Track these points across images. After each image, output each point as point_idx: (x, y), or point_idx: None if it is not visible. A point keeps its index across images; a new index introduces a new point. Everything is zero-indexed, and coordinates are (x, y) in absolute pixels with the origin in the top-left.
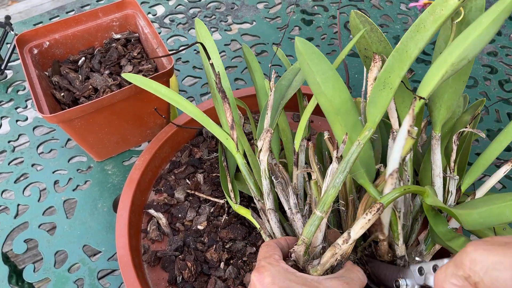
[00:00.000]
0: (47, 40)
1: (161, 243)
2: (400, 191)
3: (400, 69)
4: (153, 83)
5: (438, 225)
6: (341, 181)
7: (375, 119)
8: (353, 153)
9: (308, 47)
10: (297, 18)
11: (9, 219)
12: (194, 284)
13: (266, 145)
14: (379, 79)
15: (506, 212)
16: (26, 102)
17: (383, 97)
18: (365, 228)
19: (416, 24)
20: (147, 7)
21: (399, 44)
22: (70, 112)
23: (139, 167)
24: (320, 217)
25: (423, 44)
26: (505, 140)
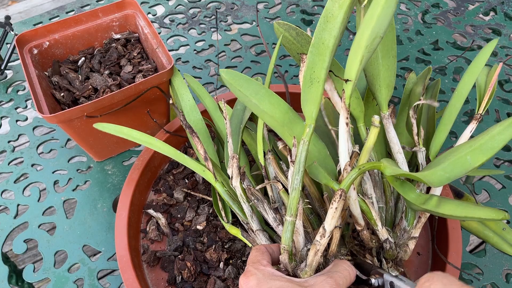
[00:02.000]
0: (47, 40)
1: (161, 243)
2: (356, 171)
3: (322, 61)
4: (125, 129)
5: (407, 193)
6: (299, 182)
7: (312, 114)
8: (302, 151)
9: (234, 75)
10: (297, 18)
11: (9, 219)
12: (194, 284)
13: (235, 171)
14: (304, 77)
15: (468, 160)
16: (26, 102)
17: (313, 91)
18: (335, 217)
19: (324, 15)
20: (147, 7)
21: (313, 38)
22: (70, 112)
23: (138, 167)
24: (292, 221)
25: (337, 31)
26: (458, 102)
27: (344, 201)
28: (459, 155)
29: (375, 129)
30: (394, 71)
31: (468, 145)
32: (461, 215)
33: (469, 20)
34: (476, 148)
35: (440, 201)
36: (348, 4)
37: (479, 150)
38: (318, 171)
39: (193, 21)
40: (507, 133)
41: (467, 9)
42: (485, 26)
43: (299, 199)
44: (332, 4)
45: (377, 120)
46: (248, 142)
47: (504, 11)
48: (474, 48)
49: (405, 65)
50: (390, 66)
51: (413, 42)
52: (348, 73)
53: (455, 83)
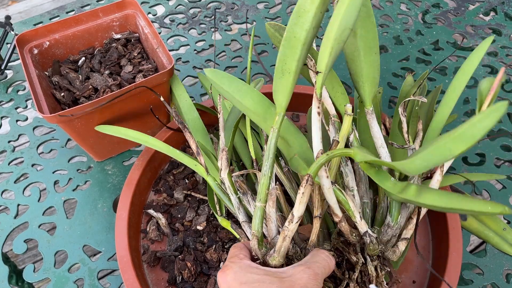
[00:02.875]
0: (47, 40)
1: (161, 243)
2: (324, 157)
3: (294, 53)
4: (122, 129)
5: (383, 181)
6: (268, 169)
7: (282, 104)
8: (271, 139)
9: (217, 73)
10: None
11: (9, 219)
12: (194, 284)
13: (224, 163)
14: (276, 69)
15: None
16: (26, 102)
17: (284, 82)
18: (303, 202)
19: (296, 10)
20: (147, 7)
21: (286, 32)
22: (70, 112)
23: (138, 167)
24: (260, 207)
25: (309, 25)
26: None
27: (311, 186)
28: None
29: (348, 117)
30: (378, 67)
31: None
32: (445, 206)
33: (470, 20)
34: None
35: (421, 190)
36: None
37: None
38: (298, 163)
39: (193, 21)
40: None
41: (468, 9)
42: (486, 26)
43: (268, 185)
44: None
45: (349, 108)
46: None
47: (505, 11)
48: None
49: (406, 65)
50: (373, 63)
51: (413, 42)
52: (319, 65)
53: None
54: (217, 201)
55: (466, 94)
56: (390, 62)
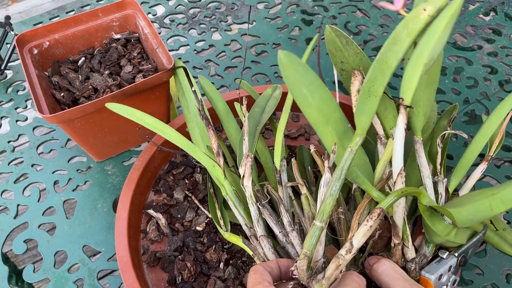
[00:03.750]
0: (47, 40)
1: (161, 244)
2: (398, 194)
3: (382, 78)
4: (138, 113)
5: (435, 223)
6: (337, 189)
7: (364, 125)
8: (346, 159)
9: (293, 59)
10: (297, 18)
11: (9, 219)
12: (194, 284)
13: (248, 170)
14: (363, 88)
15: (490, 206)
16: (26, 102)
17: (369, 104)
18: (367, 235)
19: (392, 37)
20: (147, 7)
21: (379, 55)
22: (70, 112)
23: (138, 167)
24: (320, 227)
25: (401, 55)
26: (482, 138)
27: (380, 221)
28: (480, 201)
29: (391, 141)
30: (432, 102)
31: (491, 192)
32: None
33: (470, 20)
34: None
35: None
36: (417, 33)
37: (500, 200)
38: (357, 175)
39: (193, 21)
40: None
41: (468, 9)
42: (486, 26)
43: (332, 207)
44: (402, 29)
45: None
46: (259, 148)
47: (505, 11)
48: (475, 48)
49: None
50: (430, 97)
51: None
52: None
53: (455, 83)
54: (221, 215)
55: (466, 94)
56: None
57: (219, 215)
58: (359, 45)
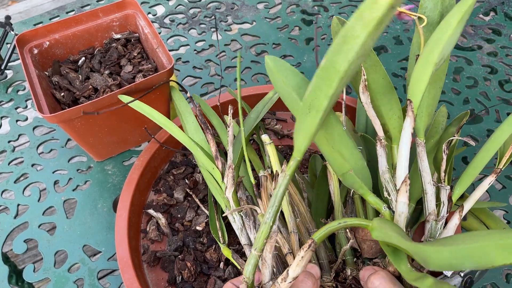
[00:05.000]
0: (47, 40)
1: (161, 243)
2: (334, 225)
3: (328, 87)
4: (146, 107)
5: (399, 263)
6: (271, 216)
7: (301, 147)
8: (280, 185)
9: (280, 63)
10: (297, 18)
11: (9, 219)
12: (194, 284)
13: (230, 181)
14: (303, 102)
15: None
16: (26, 102)
17: (309, 121)
18: (300, 266)
19: (343, 35)
20: (147, 7)
21: (324, 60)
22: (70, 112)
23: (138, 167)
24: (255, 255)
25: (354, 54)
26: (492, 148)
27: (313, 252)
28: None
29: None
30: (437, 101)
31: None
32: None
33: (469, 20)
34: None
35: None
36: (375, 23)
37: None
38: (354, 180)
39: (193, 21)
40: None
41: None
42: (485, 26)
43: (268, 234)
44: (355, 22)
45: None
46: (252, 158)
47: (504, 11)
48: (474, 48)
49: (405, 65)
50: (435, 97)
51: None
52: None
53: (455, 83)
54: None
55: (465, 94)
56: (390, 62)
57: (218, 225)
58: None
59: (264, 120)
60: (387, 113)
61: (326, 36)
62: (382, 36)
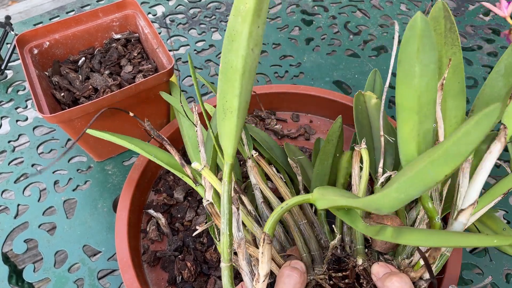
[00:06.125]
0: (47, 40)
1: (161, 243)
2: (278, 211)
3: (232, 87)
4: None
5: (355, 222)
6: (226, 226)
7: (228, 151)
8: (224, 192)
9: (427, 29)
10: (297, 18)
11: (9, 219)
12: (194, 284)
13: (207, 184)
14: (218, 108)
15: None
16: (26, 102)
17: (228, 124)
18: (265, 262)
19: (227, 35)
20: (147, 7)
21: (221, 63)
22: (70, 112)
23: (138, 167)
24: (226, 267)
25: (245, 50)
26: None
27: (270, 245)
28: (417, 168)
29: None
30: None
31: (428, 154)
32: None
33: (469, 20)
34: (438, 157)
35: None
36: (252, 14)
37: (443, 159)
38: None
39: (193, 21)
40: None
41: (467, 10)
42: (485, 26)
43: (229, 244)
44: (234, 19)
45: None
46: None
47: None
48: (474, 48)
49: None
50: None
51: None
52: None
53: None
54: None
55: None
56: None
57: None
58: (358, 45)
59: (264, 120)
60: (450, 119)
61: (326, 36)
62: (382, 36)
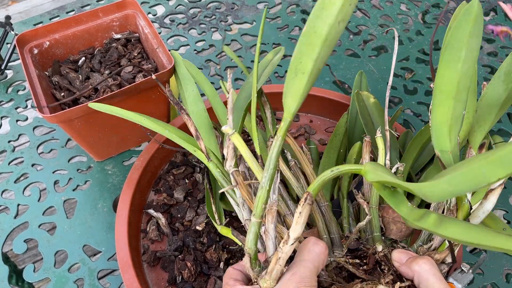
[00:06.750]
0: (47, 40)
1: (161, 243)
2: (327, 174)
3: (311, 51)
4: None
5: (399, 205)
6: (267, 180)
7: (291, 108)
8: (274, 147)
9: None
10: (297, 18)
11: (9, 219)
12: (194, 284)
13: (231, 152)
14: (290, 68)
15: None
16: (26, 102)
17: (297, 83)
18: (300, 223)
19: (320, 2)
20: (147, 7)
21: (305, 27)
22: (70, 112)
23: (138, 167)
24: (256, 222)
25: (333, 19)
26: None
27: (310, 206)
28: (471, 166)
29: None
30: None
31: (484, 156)
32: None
33: None
34: (494, 160)
35: (442, 219)
36: None
37: (499, 162)
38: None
39: (193, 21)
40: None
41: None
42: (485, 26)
43: (266, 199)
44: None
45: None
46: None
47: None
48: None
49: (406, 65)
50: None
51: (413, 42)
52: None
53: None
54: (216, 210)
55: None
56: (390, 62)
57: (214, 208)
58: (358, 45)
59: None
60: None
61: None
62: (382, 36)
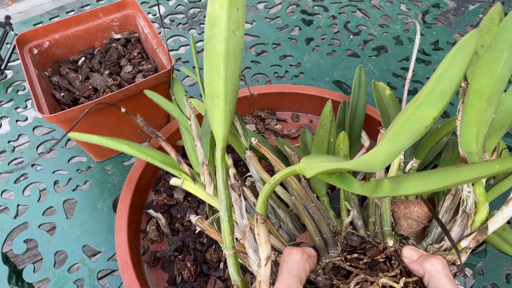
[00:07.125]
0: (47, 40)
1: (161, 244)
2: (266, 188)
3: (218, 72)
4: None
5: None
6: (225, 212)
7: (219, 135)
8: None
9: None
10: (297, 18)
11: (9, 219)
12: (194, 284)
13: (207, 178)
14: (206, 96)
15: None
16: (26, 102)
17: (216, 111)
18: (263, 243)
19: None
20: (147, 7)
21: (205, 51)
22: (70, 112)
23: (138, 167)
24: (230, 254)
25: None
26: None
27: (264, 225)
28: (404, 117)
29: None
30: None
31: (411, 103)
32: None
33: (470, 20)
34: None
35: (397, 181)
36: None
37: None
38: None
39: (193, 21)
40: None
41: (468, 10)
42: None
43: (230, 231)
44: (212, 5)
45: None
46: (231, 140)
47: (505, 11)
48: None
49: (406, 65)
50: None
51: (413, 42)
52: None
53: None
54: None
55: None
56: (390, 62)
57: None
58: (358, 45)
59: (264, 120)
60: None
61: (326, 36)
62: (382, 36)
